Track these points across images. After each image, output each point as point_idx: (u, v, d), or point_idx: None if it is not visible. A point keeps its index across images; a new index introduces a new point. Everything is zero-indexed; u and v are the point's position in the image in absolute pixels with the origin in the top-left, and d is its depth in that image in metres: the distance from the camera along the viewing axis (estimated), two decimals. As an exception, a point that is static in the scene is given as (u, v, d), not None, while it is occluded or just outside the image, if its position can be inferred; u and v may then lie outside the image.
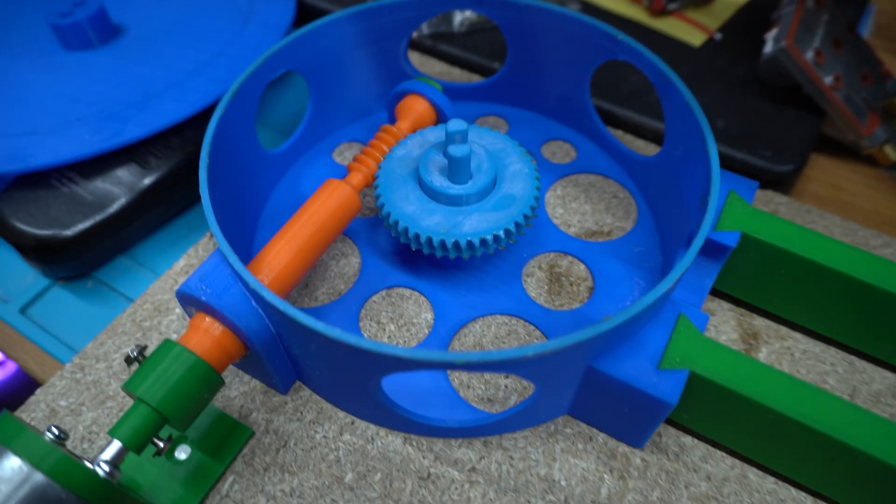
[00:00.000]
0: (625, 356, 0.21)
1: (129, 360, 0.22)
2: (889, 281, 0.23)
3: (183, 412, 0.21)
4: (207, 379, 0.22)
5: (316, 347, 0.22)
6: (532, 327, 0.27)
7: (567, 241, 0.30)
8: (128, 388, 0.21)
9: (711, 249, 0.25)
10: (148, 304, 0.29)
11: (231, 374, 0.27)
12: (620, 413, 0.23)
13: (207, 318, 0.23)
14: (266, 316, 0.22)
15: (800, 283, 0.25)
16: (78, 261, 0.30)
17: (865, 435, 0.20)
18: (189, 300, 0.23)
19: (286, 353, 0.24)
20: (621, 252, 0.29)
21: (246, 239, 0.29)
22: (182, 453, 0.24)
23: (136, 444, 0.21)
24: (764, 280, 0.26)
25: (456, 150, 0.25)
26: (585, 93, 0.32)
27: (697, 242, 0.22)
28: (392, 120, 0.33)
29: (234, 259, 0.22)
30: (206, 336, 0.22)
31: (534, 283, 0.29)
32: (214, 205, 0.24)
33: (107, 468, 0.19)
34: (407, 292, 0.29)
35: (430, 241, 0.25)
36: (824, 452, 0.21)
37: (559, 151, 0.34)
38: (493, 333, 0.27)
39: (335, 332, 0.20)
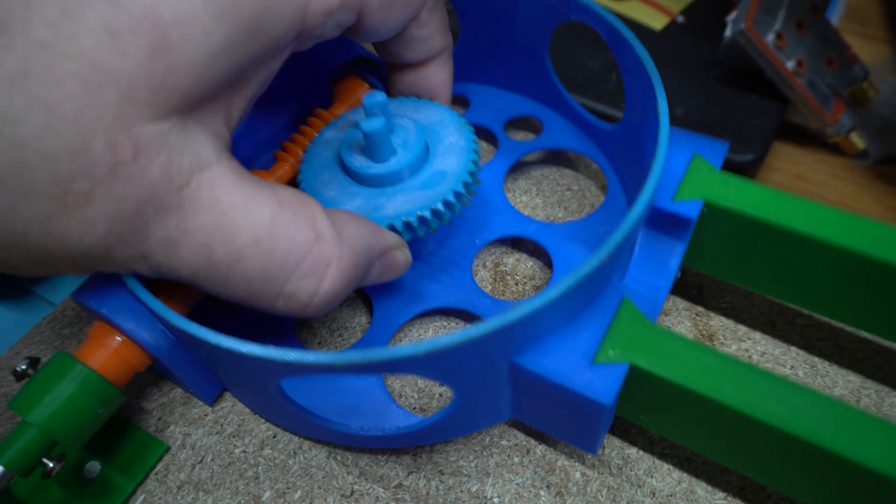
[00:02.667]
0: (553, 349, 0.19)
1: (18, 376, 0.21)
2: (882, 248, 0.20)
3: (74, 431, 0.20)
4: (103, 394, 0.20)
5: (206, 353, 0.20)
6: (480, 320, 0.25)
7: (525, 224, 0.28)
8: (13, 406, 0.19)
9: (671, 223, 0.23)
10: (69, 311, 0.27)
11: (150, 384, 0.25)
12: (560, 415, 0.20)
13: (105, 327, 0.21)
14: (160, 323, 0.21)
15: (778, 255, 0.22)
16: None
17: (843, 435, 0.17)
18: (84, 307, 0.22)
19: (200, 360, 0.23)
20: (585, 234, 0.27)
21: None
22: (90, 470, 0.23)
23: (21, 468, 0.19)
24: (736, 254, 0.23)
25: (368, 124, 0.22)
26: (546, 60, 0.30)
27: (635, 212, 0.19)
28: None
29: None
30: (103, 347, 0.21)
31: (483, 272, 0.27)
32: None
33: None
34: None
35: None
36: (795, 454, 0.18)
37: (524, 127, 0.32)
38: (434, 329, 0.25)
39: (206, 334, 0.18)
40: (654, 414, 0.21)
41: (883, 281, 0.21)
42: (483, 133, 0.32)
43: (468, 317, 0.26)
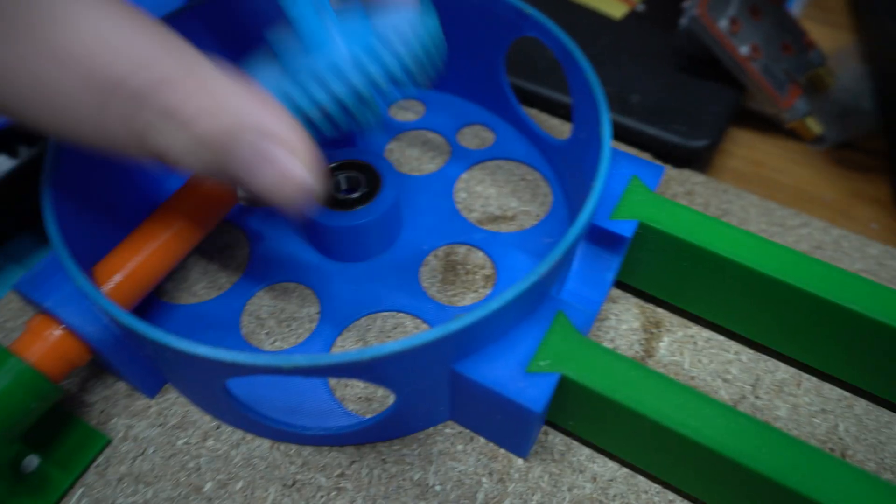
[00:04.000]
0: (491, 358, 0.20)
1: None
2: (794, 274, 0.21)
3: (6, 425, 0.19)
4: (38, 389, 0.20)
5: (151, 349, 0.20)
6: (426, 327, 0.25)
7: (472, 232, 0.28)
8: (-56, 399, 0.19)
9: (607, 240, 0.24)
10: (13, 304, 0.27)
11: (93, 377, 0.25)
12: (496, 420, 0.21)
13: (44, 320, 0.21)
14: (105, 317, 0.20)
15: (703, 276, 0.23)
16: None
17: (751, 448, 0.18)
18: (27, 299, 0.21)
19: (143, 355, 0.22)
20: (529, 244, 0.28)
21: (123, 227, 0.27)
22: (28, 465, 0.22)
23: (-50, 462, 0.19)
24: (667, 273, 0.24)
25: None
26: (501, 73, 0.30)
27: (574, 231, 0.20)
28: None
29: (62, 254, 0.20)
30: (41, 340, 0.20)
31: (431, 277, 0.27)
32: (62, 189, 0.22)
33: None
34: (294, 286, 0.27)
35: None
36: (708, 465, 0.19)
37: (477, 136, 0.32)
38: (378, 327, 0.25)
39: (156, 334, 0.18)
40: (582, 421, 0.21)
41: (800, 306, 0.22)
42: (436, 139, 0.32)
43: (414, 317, 0.26)
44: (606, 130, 0.22)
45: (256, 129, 0.16)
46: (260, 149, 0.16)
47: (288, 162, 0.16)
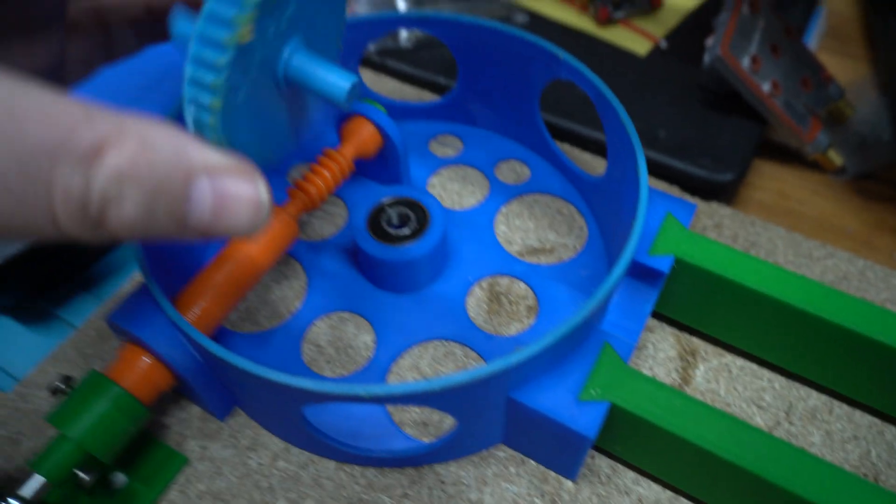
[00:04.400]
0: (545, 387, 0.22)
1: (54, 392, 0.23)
2: (822, 306, 0.23)
3: (107, 446, 0.21)
4: (133, 412, 0.22)
5: (234, 377, 0.22)
6: (475, 354, 0.27)
7: (513, 264, 0.30)
8: (51, 421, 0.21)
9: (645, 274, 0.25)
10: (92, 331, 0.29)
11: (169, 400, 0.27)
12: (547, 444, 0.23)
13: (135, 349, 0.23)
14: (191, 347, 0.22)
15: (736, 308, 0.25)
16: (14, 290, 0.30)
17: (789, 472, 0.20)
18: (118, 329, 0.23)
19: (220, 380, 0.24)
20: (568, 276, 0.29)
21: (194, 262, 0.29)
22: (116, 482, 0.24)
23: (57, 479, 0.21)
24: (701, 305, 0.26)
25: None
26: (536, 112, 0.32)
27: (618, 269, 0.22)
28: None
29: (156, 291, 0.22)
30: (134, 368, 0.23)
31: (477, 307, 0.29)
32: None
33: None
34: (349, 316, 0.29)
35: None
36: (748, 488, 0.20)
37: (513, 171, 0.34)
38: (430, 356, 0.27)
39: (246, 364, 0.20)
40: (628, 446, 0.23)
41: (829, 337, 0.24)
42: (475, 174, 0.34)
43: (464, 346, 0.28)
44: (643, 173, 0.24)
45: (204, 168, 0.15)
46: (221, 189, 0.15)
47: (254, 190, 0.15)
